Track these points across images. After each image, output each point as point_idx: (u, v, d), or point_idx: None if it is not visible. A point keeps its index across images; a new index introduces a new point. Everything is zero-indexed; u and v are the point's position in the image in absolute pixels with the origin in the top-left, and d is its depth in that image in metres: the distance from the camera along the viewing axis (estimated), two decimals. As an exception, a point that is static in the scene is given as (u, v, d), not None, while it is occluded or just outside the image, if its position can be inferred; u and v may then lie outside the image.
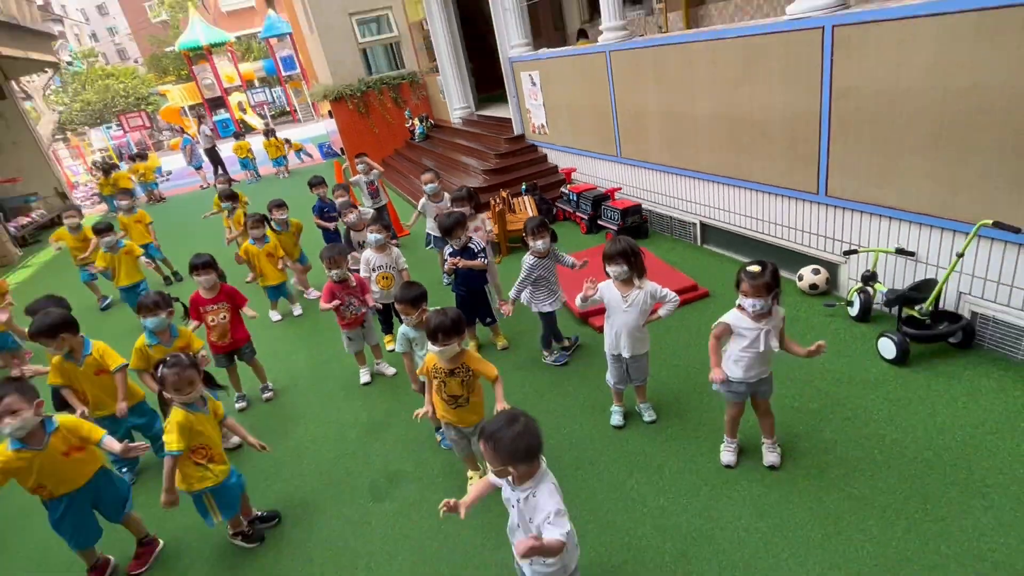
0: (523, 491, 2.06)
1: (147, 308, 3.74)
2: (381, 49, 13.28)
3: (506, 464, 2.00)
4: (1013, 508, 2.62)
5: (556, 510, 1.99)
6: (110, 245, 6.43)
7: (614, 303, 3.27)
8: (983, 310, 3.62)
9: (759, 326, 2.76)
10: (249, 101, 30.57)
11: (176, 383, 2.85)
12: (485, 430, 2.03)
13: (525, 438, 1.99)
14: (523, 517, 2.10)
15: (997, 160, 3.25)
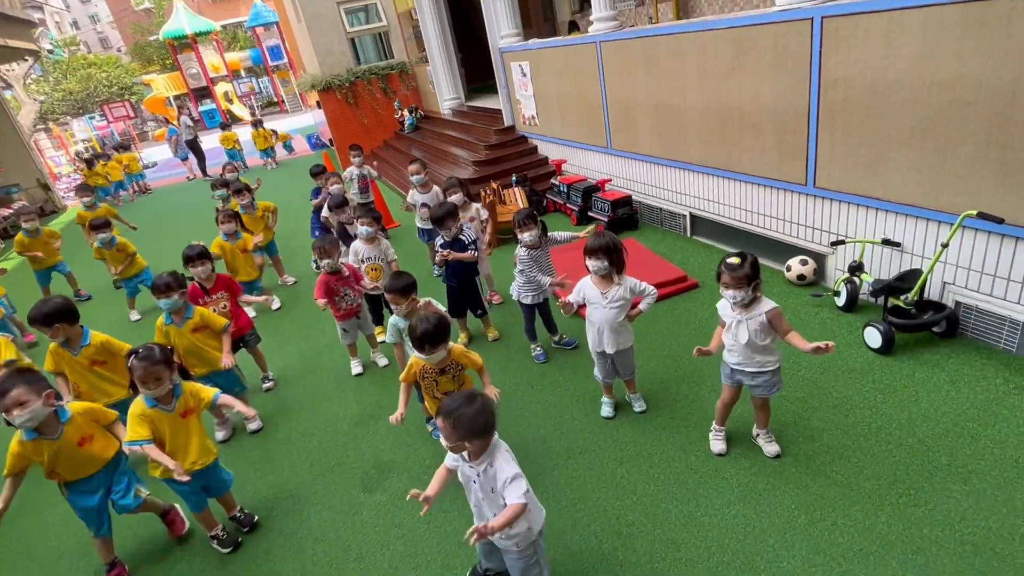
0: (480, 464, 2.19)
1: (159, 289, 3.71)
2: (370, 39, 13.14)
3: (463, 440, 2.11)
4: (993, 492, 2.68)
5: (513, 474, 2.14)
6: (105, 241, 6.37)
7: (594, 300, 3.27)
8: (966, 300, 3.68)
9: (734, 315, 2.80)
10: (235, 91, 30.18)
11: (143, 376, 2.80)
12: (444, 408, 2.14)
13: (483, 415, 2.12)
14: (485, 489, 2.22)
15: (982, 151, 3.29)
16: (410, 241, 7.35)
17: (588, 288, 3.30)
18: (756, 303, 2.78)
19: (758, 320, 2.76)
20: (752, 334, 2.78)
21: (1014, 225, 3.25)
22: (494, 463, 2.18)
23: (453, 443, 2.14)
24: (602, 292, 3.24)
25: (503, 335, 4.82)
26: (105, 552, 3.16)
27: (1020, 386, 3.26)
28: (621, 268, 3.23)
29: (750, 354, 2.84)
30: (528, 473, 3.27)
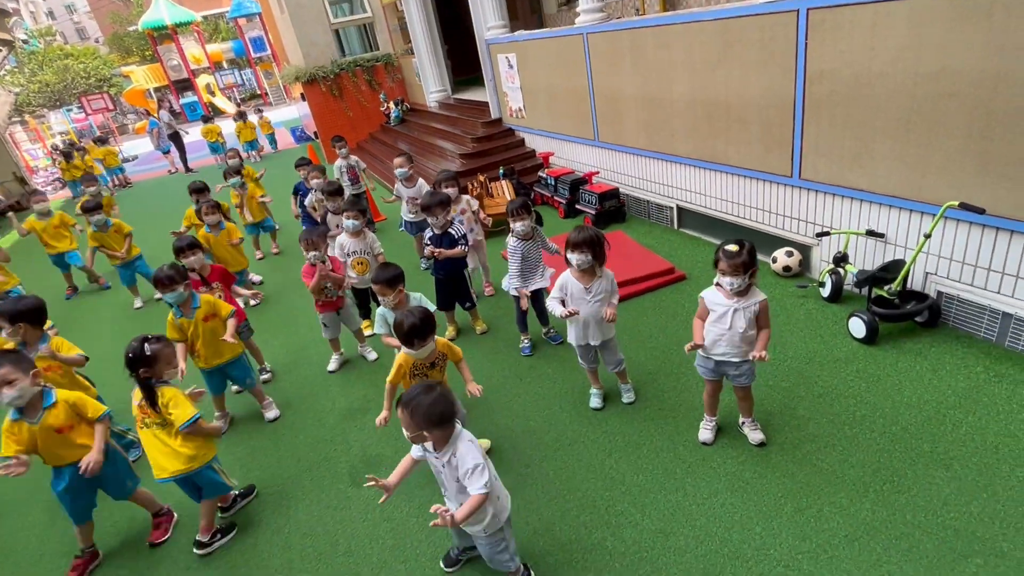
0: (444, 455, 2.23)
1: (163, 283, 3.65)
2: (354, 30, 12.98)
3: (421, 429, 2.15)
4: (974, 478, 2.73)
5: (474, 465, 2.17)
6: (99, 224, 6.27)
7: (577, 295, 3.26)
8: (948, 289, 3.73)
9: (730, 303, 2.80)
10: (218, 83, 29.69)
11: (169, 355, 2.95)
12: (403, 398, 2.18)
13: (440, 405, 2.15)
14: (451, 478, 2.25)
15: (964, 143, 3.33)
16: (398, 234, 7.30)
17: (571, 283, 3.28)
18: (750, 292, 2.79)
19: (752, 309, 2.78)
20: (747, 323, 2.80)
21: (995, 216, 3.29)
22: (457, 453, 2.22)
23: (413, 433, 2.18)
24: (585, 287, 3.23)
25: (491, 328, 4.81)
26: (83, 538, 3.16)
27: (1000, 374, 3.32)
28: (603, 261, 3.23)
29: (739, 343, 2.85)
30: (517, 465, 3.31)
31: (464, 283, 4.56)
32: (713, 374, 3.05)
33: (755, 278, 2.77)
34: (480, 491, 2.15)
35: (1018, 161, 3.12)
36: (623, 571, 2.61)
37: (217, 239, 5.53)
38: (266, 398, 4.22)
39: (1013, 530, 2.46)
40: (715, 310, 2.86)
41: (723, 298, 2.82)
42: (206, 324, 3.79)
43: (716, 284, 2.85)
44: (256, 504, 3.39)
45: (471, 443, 2.25)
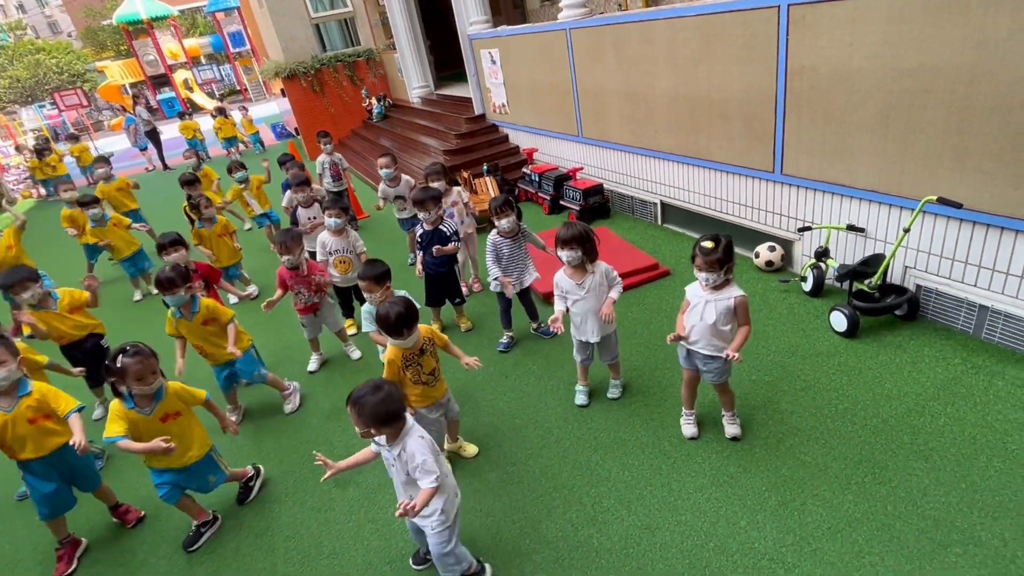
0: (396, 448, 2.30)
1: (163, 286, 3.59)
2: (335, 25, 12.80)
3: (369, 427, 2.22)
4: (952, 469, 2.77)
5: (422, 460, 2.25)
6: (97, 218, 6.17)
7: (572, 292, 3.26)
8: (927, 283, 3.79)
9: (703, 295, 2.83)
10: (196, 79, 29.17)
11: (139, 372, 2.75)
12: (351, 396, 2.23)
13: (387, 404, 2.20)
14: (401, 470, 2.32)
15: (941, 138, 3.37)
16: (383, 231, 7.25)
17: (563, 282, 3.28)
18: (727, 286, 2.80)
19: (724, 303, 2.79)
20: (718, 316, 2.80)
21: (972, 210, 3.34)
22: (407, 447, 2.28)
23: (361, 430, 2.24)
24: (577, 283, 3.22)
25: (476, 326, 4.78)
26: (57, 530, 3.14)
27: (977, 366, 3.38)
28: (594, 256, 3.22)
29: (710, 337, 2.86)
30: (503, 464, 3.30)
31: (454, 278, 4.53)
32: (687, 363, 3.08)
33: (731, 274, 2.78)
34: (431, 485, 2.24)
35: (994, 156, 3.17)
36: (609, 568, 2.61)
37: (211, 232, 5.54)
38: (285, 387, 4.16)
39: (990, 519, 2.51)
40: (691, 302, 2.91)
41: (699, 291, 2.86)
42: (205, 328, 3.73)
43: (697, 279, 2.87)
44: (237, 507, 3.34)
45: (422, 439, 2.31)
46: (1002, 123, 3.08)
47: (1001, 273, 3.39)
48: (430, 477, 2.24)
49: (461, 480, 3.24)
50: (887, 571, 2.38)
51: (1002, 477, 2.68)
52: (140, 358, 2.76)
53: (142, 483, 3.66)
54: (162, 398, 2.91)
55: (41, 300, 3.96)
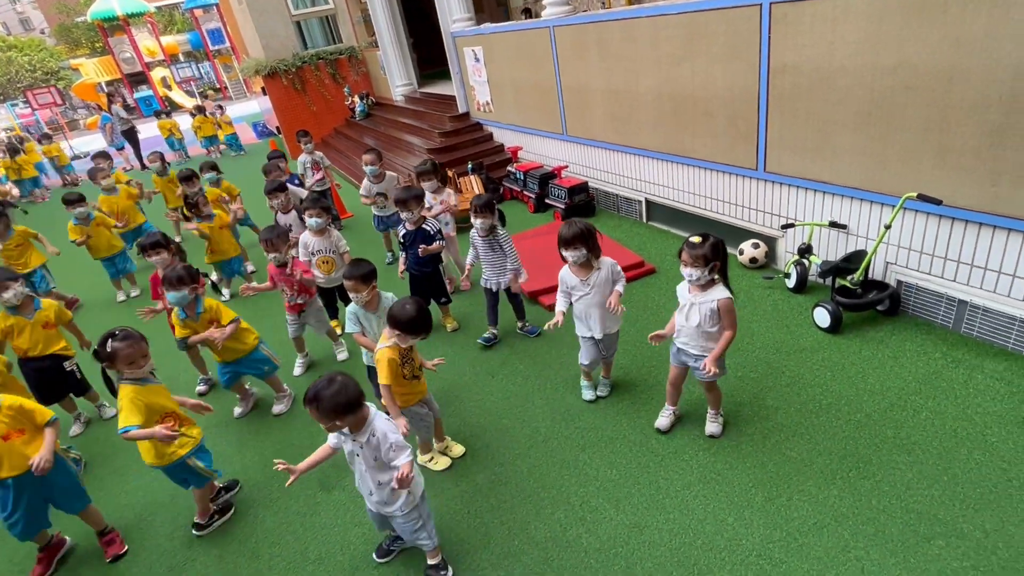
0: (362, 436, 2.31)
1: (170, 282, 3.54)
2: (316, 22, 12.65)
3: (333, 420, 2.23)
4: (935, 462, 2.81)
5: (396, 439, 2.32)
6: (82, 217, 6.05)
7: (577, 289, 3.24)
8: (908, 279, 3.84)
9: (689, 297, 2.83)
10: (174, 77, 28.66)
11: (130, 356, 2.78)
12: (307, 394, 2.23)
13: (344, 393, 2.21)
14: (369, 460, 2.36)
15: (921, 136, 3.41)
16: (366, 232, 7.17)
17: (568, 278, 3.26)
18: (713, 287, 2.80)
19: (708, 306, 2.79)
20: (702, 318, 2.81)
21: (951, 206, 3.39)
22: (375, 432, 2.31)
23: (327, 425, 2.25)
24: (583, 280, 3.21)
25: (462, 325, 4.75)
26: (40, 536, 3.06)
27: (957, 360, 3.43)
28: (598, 253, 3.19)
29: (697, 337, 2.88)
30: (491, 464, 3.27)
31: (439, 278, 4.50)
32: (675, 360, 3.09)
33: (716, 274, 2.77)
34: (407, 459, 2.29)
35: (972, 153, 3.22)
36: (598, 568, 2.60)
37: (212, 226, 5.53)
38: (283, 389, 4.14)
39: (972, 511, 2.54)
40: (680, 302, 2.91)
41: (686, 292, 2.86)
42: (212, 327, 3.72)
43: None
44: (221, 514, 3.28)
45: (387, 421, 2.39)
46: (980, 121, 3.13)
47: (979, 268, 3.44)
48: (405, 452, 2.32)
49: (448, 482, 3.22)
50: (872, 565, 2.40)
51: (982, 469, 2.73)
52: (130, 342, 2.77)
53: (122, 490, 3.59)
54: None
55: (23, 304, 3.85)
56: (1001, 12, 2.89)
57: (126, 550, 3.14)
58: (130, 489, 3.59)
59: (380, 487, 2.42)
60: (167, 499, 3.41)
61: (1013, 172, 3.09)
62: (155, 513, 3.36)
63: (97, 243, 6.21)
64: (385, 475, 2.38)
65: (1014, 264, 3.27)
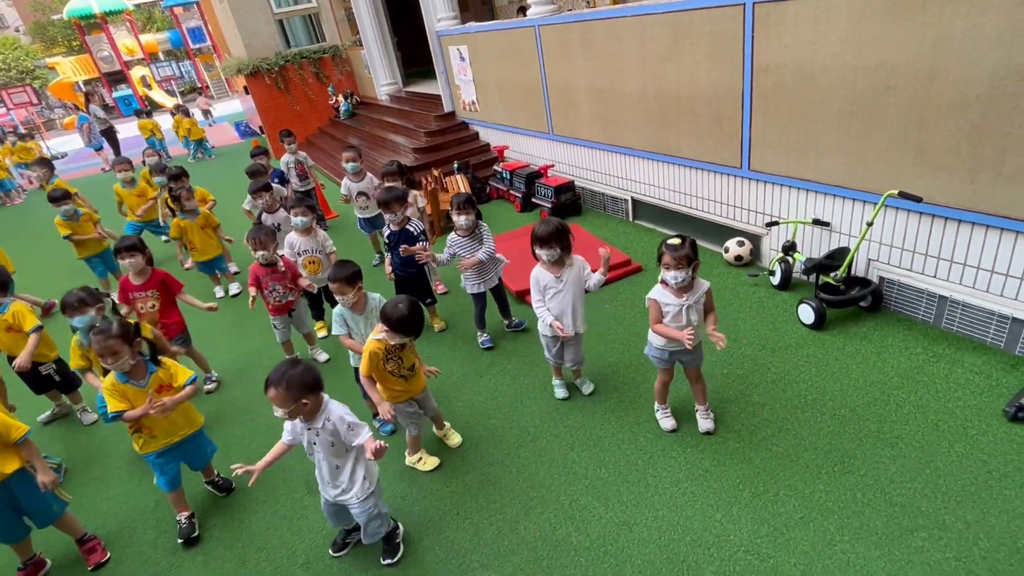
0: (318, 422, 2.40)
1: (72, 306, 3.43)
2: (299, 20, 12.53)
3: (301, 397, 2.29)
4: (917, 455, 2.85)
5: (352, 419, 2.43)
6: (68, 214, 5.94)
7: (551, 286, 3.24)
8: (889, 275, 3.89)
9: (681, 301, 2.83)
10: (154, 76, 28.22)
11: (99, 351, 2.79)
12: (271, 379, 2.27)
13: (311, 372, 2.33)
14: (326, 445, 2.43)
15: (902, 134, 3.46)
16: (351, 232, 7.11)
17: (542, 276, 3.26)
18: (696, 284, 2.83)
19: (700, 300, 2.84)
20: (699, 315, 2.84)
21: (931, 204, 3.44)
22: (331, 416, 2.40)
23: (291, 407, 2.29)
24: (556, 276, 3.22)
25: (450, 325, 4.73)
26: (20, 552, 2.99)
27: (938, 354, 3.49)
28: (570, 250, 3.23)
29: (696, 334, 2.88)
30: (480, 464, 3.26)
31: (424, 279, 4.47)
32: (667, 363, 3.10)
33: (696, 271, 2.81)
34: (368, 435, 2.41)
35: (951, 151, 3.27)
36: (588, 566, 2.61)
37: (193, 224, 5.47)
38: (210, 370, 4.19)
39: (954, 503, 2.59)
40: (669, 310, 2.88)
41: (672, 297, 2.85)
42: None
43: (661, 282, 2.86)
44: (206, 518, 3.23)
45: (340, 404, 2.47)
46: (959, 120, 3.18)
47: (959, 264, 3.50)
48: (363, 428, 2.43)
49: (437, 483, 3.20)
50: (857, 558, 2.43)
51: (963, 462, 2.77)
52: (101, 337, 2.77)
53: (103, 497, 3.52)
54: (154, 371, 2.95)
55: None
56: (978, 13, 2.94)
57: (108, 557, 3.08)
58: (112, 496, 3.53)
59: (338, 471, 2.51)
60: (151, 505, 3.36)
61: (990, 170, 3.14)
62: (138, 520, 3.31)
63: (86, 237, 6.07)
64: (343, 459, 2.49)
65: (992, 260, 3.33)
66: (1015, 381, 3.18)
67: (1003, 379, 3.22)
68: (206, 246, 5.63)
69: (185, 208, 5.50)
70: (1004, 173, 3.10)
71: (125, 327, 2.86)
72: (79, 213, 6.03)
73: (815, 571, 2.40)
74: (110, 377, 2.85)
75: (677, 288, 2.80)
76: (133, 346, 2.85)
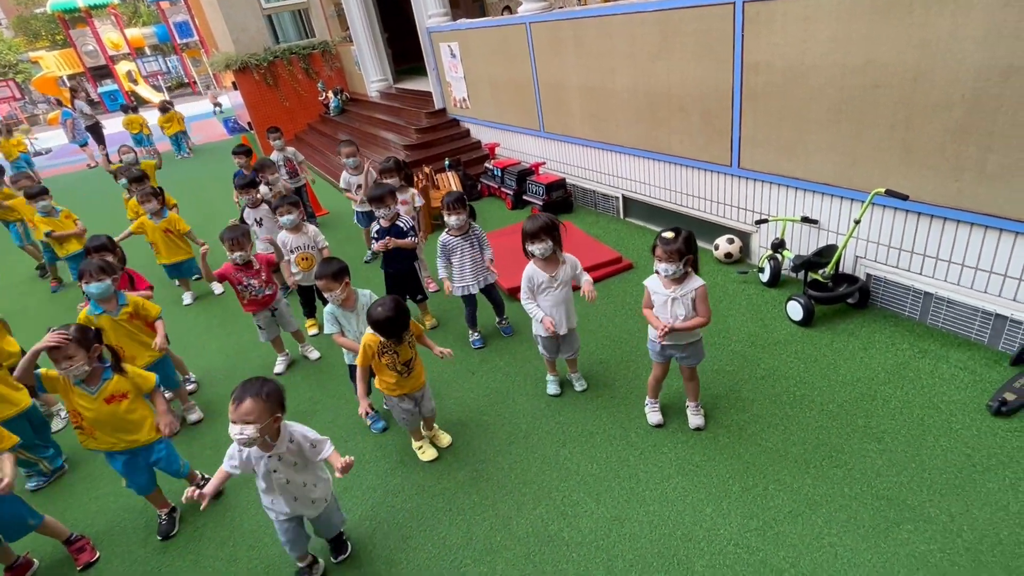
0: (281, 445, 2.34)
1: (89, 273, 3.39)
2: (288, 16, 12.43)
3: (276, 411, 2.25)
4: (904, 449, 2.90)
5: (314, 436, 2.43)
6: (47, 210, 5.85)
7: (545, 284, 3.25)
8: (876, 272, 3.94)
9: (668, 293, 2.86)
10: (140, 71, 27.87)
11: (51, 352, 2.68)
12: (249, 390, 2.19)
13: (280, 387, 2.30)
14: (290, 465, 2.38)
15: (889, 133, 3.51)
16: (342, 228, 7.09)
17: (536, 275, 3.26)
18: (688, 279, 2.84)
19: (689, 296, 2.84)
20: (686, 311, 2.85)
21: (917, 201, 3.49)
22: (294, 436, 2.37)
23: (265, 422, 2.20)
24: (551, 275, 3.23)
25: (441, 322, 4.73)
26: (3, 556, 2.94)
27: (923, 350, 3.54)
28: (561, 245, 3.24)
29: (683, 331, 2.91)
30: (472, 461, 3.27)
31: (415, 275, 4.46)
32: (661, 357, 3.11)
33: (690, 267, 2.82)
34: (332, 447, 2.44)
35: (936, 150, 3.32)
36: (580, 561, 2.62)
37: (156, 227, 5.36)
38: (188, 401, 4.07)
39: (939, 496, 2.63)
40: (657, 299, 2.93)
41: (662, 287, 2.88)
42: (132, 323, 3.58)
43: (656, 272, 2.89)
44: (197, 516, 3.21)
45: (296, 423, 2.44)
46: (944, 119, 3.23)
47: (944, 261, 3.55)
48: (327, 442, 2.44)
49: (430, 479, 3.21)
50: (845, 550, 2.47)
51: (948, 456, 2.82)
52: (60, 339, 2.67)
53: (92, 496, 3.49)
54: (109, 378, 2.83)
55: None
56: (963, 14, 2.99)
57: (97, 557, 3.05)
58: (100, 495, 3.50)
59: (304, 488, 2.46)
60: (140, 503, 3.33)
61: (975, 168, 3.19)
62: (127, 518, 3.28)
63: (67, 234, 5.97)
64: (308, 475, 2.46)
65: (976, 257, 3.39)
66: (998, 376, 3.24)
67: (987, 374, 3.27)
68: (171, 250, 5.48)
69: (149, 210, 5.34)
70: (988, 172, 3.15)
71: (84, 330, 2.76)
72: (58, 210, 5.94)
73: (803, 564, 2.44)
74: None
75: (667, 280, 2.83)
76: (91, 352, 2.75)
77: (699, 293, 2.85)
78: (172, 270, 5.73)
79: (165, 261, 5.57)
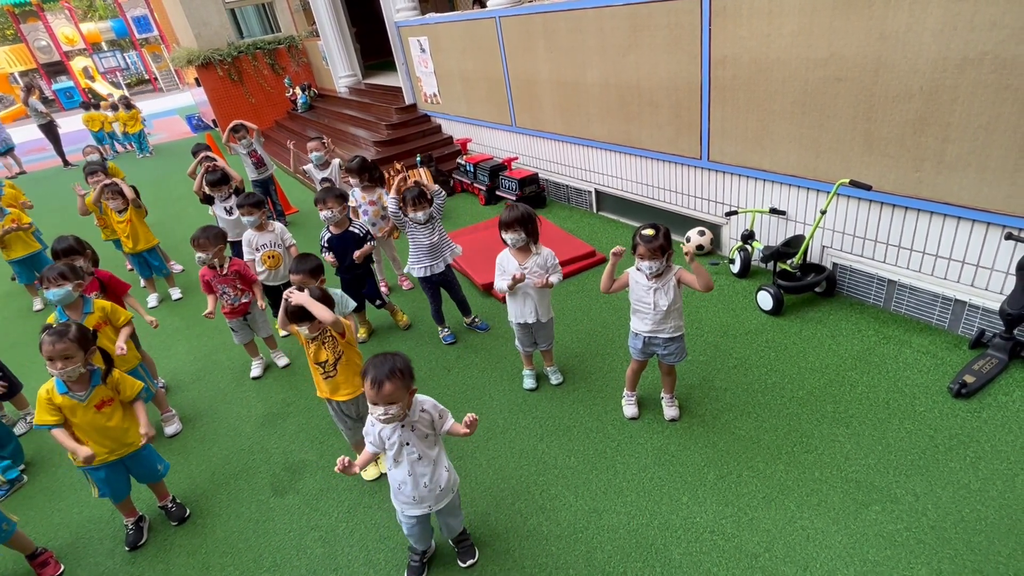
0: (414, 414, 2.27)
1: (48, 279, 3.23)
2: (252, 10, 12.15)
3: (410, 385, 2.20)
4: (870, 433, 2.98)
5: (440, 406, 2.36)
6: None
7: (515, 272, 3.25)
8: (842, 261, 4.04)
9: (650, 284, 2.88)
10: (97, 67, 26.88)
11: (49, 352, 2.57)
12: (381, 372, 2.08)
13: (406, 359, 2.19)
14: (422, 436, 2.32)
15: (851, 124, 3.59)
16: (311, 227, 6.96)
17: (507, 262, 3.28)
18: (667, 271, 2.87)
19: (670, 284, 2.86)
20: (668, 300, 2.88)
21: (880, 191, 3.58)
22: (424, 405, 2.30)
23: (405, 398, 2.15)
24: (521, 264, 3.23)
25: (414, 321, 4.69)
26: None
27: (887, 336, 3.65)
28: (536, 238, 3.24)
29: (668, 319, 2.93)
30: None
31: (372, 280, 4.39)
32: (642, 354, 3.11)
33: (671, 260, 2.85)
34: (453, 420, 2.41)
35: (897, 141, 3.41)
36: (559, 554, 2.63)
37: (122, 219, 5.27)
38: (168, 409, 3.92)
39: (904, 477, 2.71)
40: (636, 291, 2.94)
41: (644, 279, 2.89)
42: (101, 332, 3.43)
43: (638, 269, 2.90)
44: (167, 525, 3.12)
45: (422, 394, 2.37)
46: (903, 110, 3.31)
47: (906, 249, 3.66)
48: (449, 413, 2.36)
49: (407, 479, 3.17)
50: (817, 533, 2.53)
51: (912, 437, 2.91)
52: (55, 339, 2.57)
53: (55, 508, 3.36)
54: (97, 383, 2.74)
55: None
56: (920, 8, 3.07)
57: (62, 571, 2.95)
58: (64, 507, 3.37)
59: (434, 469, 2.35)
60: (106, 515, 3.23)
61: (933, 159, 3.29)
62: (93, 530, 3.17)
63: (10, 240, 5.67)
64: (437, 451, 2.37)
65: (936, 245, 3.50)
66: (958, 359, 3.35)
67: (948, 358, 3.39)
68: (135, 235, 5.32)
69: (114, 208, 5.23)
70: (946, 161, 3.24)
71: (83, 331, 2.69)
72: (6, 212, 5.64)
73: (777, 548, 2.49)
74: (49, 385, 2.66)
75: (650, 275, 2.85)
76: (88, 353, 2.68)
77: (679, 275, 2.86)
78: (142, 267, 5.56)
79: (131, 250, 5.40)
